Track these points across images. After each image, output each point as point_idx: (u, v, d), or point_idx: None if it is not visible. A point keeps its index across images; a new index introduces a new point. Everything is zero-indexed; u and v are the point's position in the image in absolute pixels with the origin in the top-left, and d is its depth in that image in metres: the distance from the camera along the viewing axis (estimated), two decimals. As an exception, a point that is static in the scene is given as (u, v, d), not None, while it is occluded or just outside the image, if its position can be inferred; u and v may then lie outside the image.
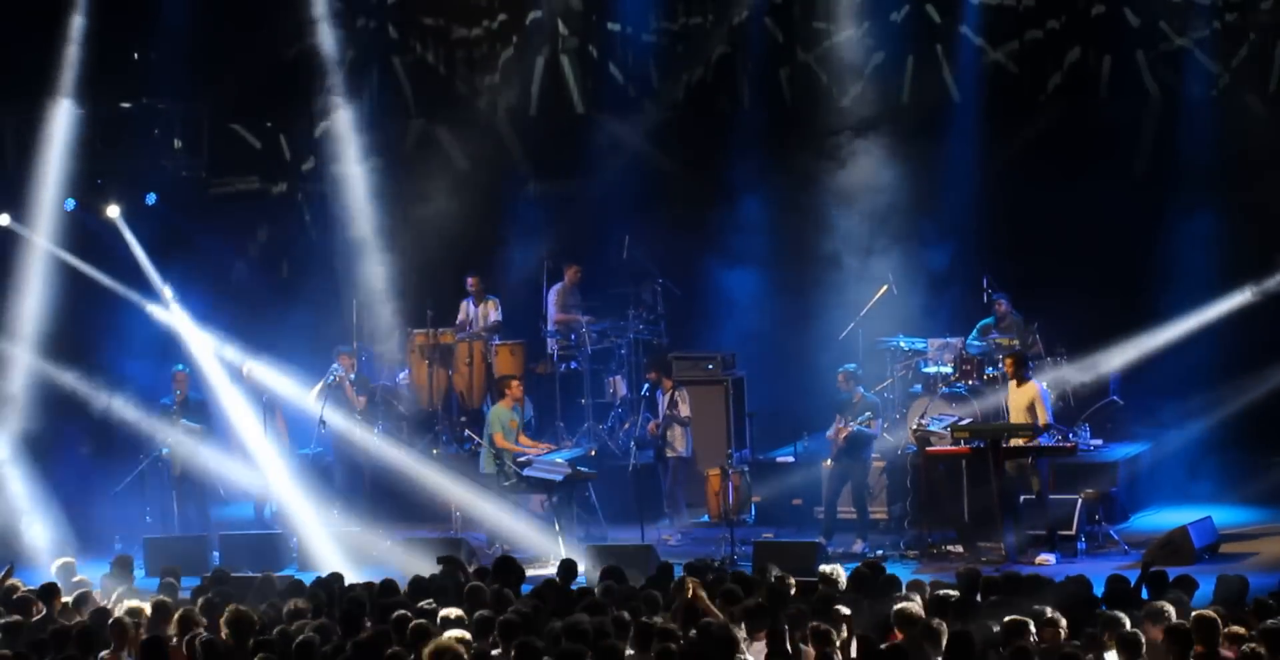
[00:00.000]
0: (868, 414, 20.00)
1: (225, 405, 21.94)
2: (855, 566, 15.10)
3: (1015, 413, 19.64)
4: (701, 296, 24.27)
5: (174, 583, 15.35)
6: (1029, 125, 24.05)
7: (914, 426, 20.37)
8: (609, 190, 24.54)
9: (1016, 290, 22.66)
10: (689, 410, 21.22)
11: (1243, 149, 23.12)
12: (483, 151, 25.42)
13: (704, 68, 25.00)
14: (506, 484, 20.25)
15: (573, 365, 23.58)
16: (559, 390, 23.44)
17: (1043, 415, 19.46)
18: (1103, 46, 23.63)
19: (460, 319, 23.61)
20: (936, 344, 22.50)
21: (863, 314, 22.50)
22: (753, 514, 21.71)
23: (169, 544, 19.99)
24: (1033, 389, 19.65)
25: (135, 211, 23.30)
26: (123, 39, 23.55)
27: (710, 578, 14.73)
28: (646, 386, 21.80)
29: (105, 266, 22.98)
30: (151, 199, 23.58)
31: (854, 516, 20.25)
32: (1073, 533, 19.58)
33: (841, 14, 24.16)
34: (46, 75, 22.90)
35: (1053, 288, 22.96)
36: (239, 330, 23.45)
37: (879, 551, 19.51)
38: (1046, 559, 18.82)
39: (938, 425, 20.20)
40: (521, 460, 20.31)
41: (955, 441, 19.55)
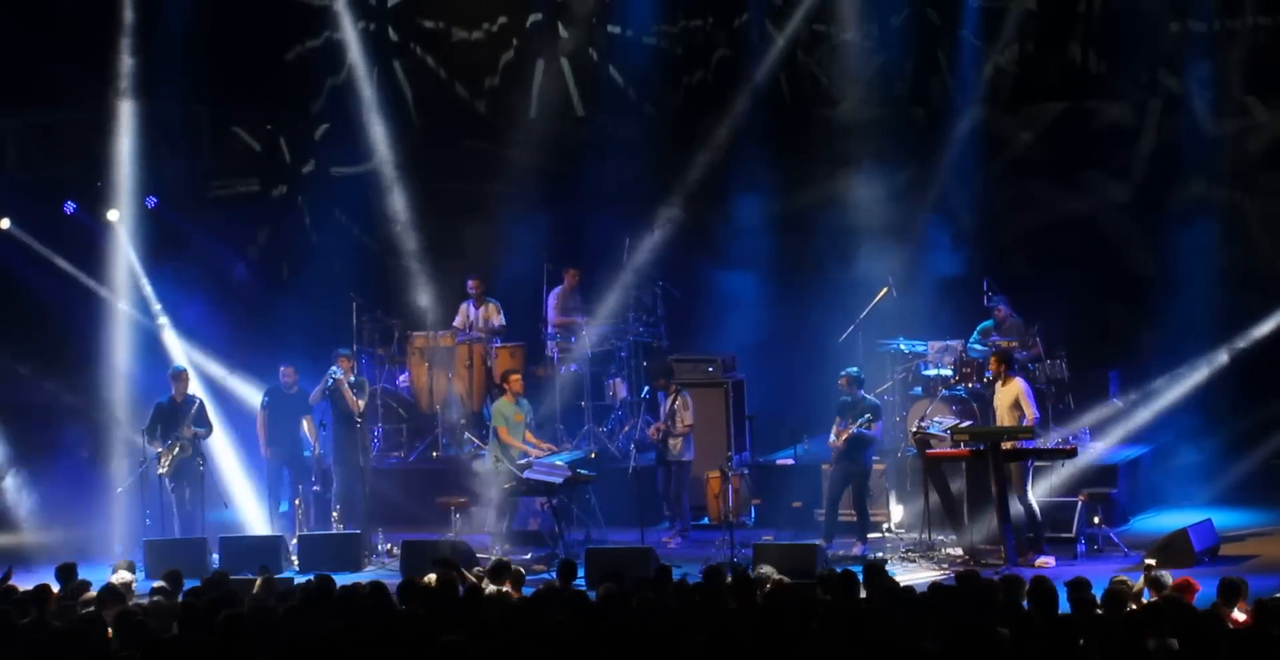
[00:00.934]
0: (868, 416, 19.95)
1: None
2: (856, 568, 15.07)
3: (1001, 411, 19.60)
4: (702, 299, 24.26)
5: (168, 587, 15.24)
6: (1029, 127, 24.09)
7: (914, 429, 20.33)
8: (609, 192, 24.55)
9: (1016, 293, 22.63)
10: (691, 418, 21.04)
11: (1243, 149, 23.17)
12: (482, 154, 25.47)
13: (704, 70, 25.04)
14: (507, 486, 20.21)
15: (572, 367, 23.57)
16: (559, 393, 23.41)
17: (1029, 411, 19.41)
18: (1102, 48, 23.64)
19: (459, 321, 23.58)
20: (937, 347, 22.45)
21: (863, 316, 22.46)
22: (753, 516, 21.67)
23: (168, 547, 19.94)
24: (1016, 386, 19.61)
25: (135, 215, 23.34)
26: (121, 41, 23.55)
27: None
28: (647, 389, 21.74)
29: (101, 270, 23.10)
30: (152, 202, 23.59)
31: (854, 519, 20.22)
32: (1072, 535, 19.58)
33: (842, 17, 24.19)
34: (48, 79, 22.97)
35: (1053, 290, 22.95)
36: (238, 333, 23.47)
37: (879, 554, 19.47)
38: (1047, 561, 18.79)
39: (938, 428, 20.16)
40: (521, 463, 20.27)
41: (955, 444, 19.50)
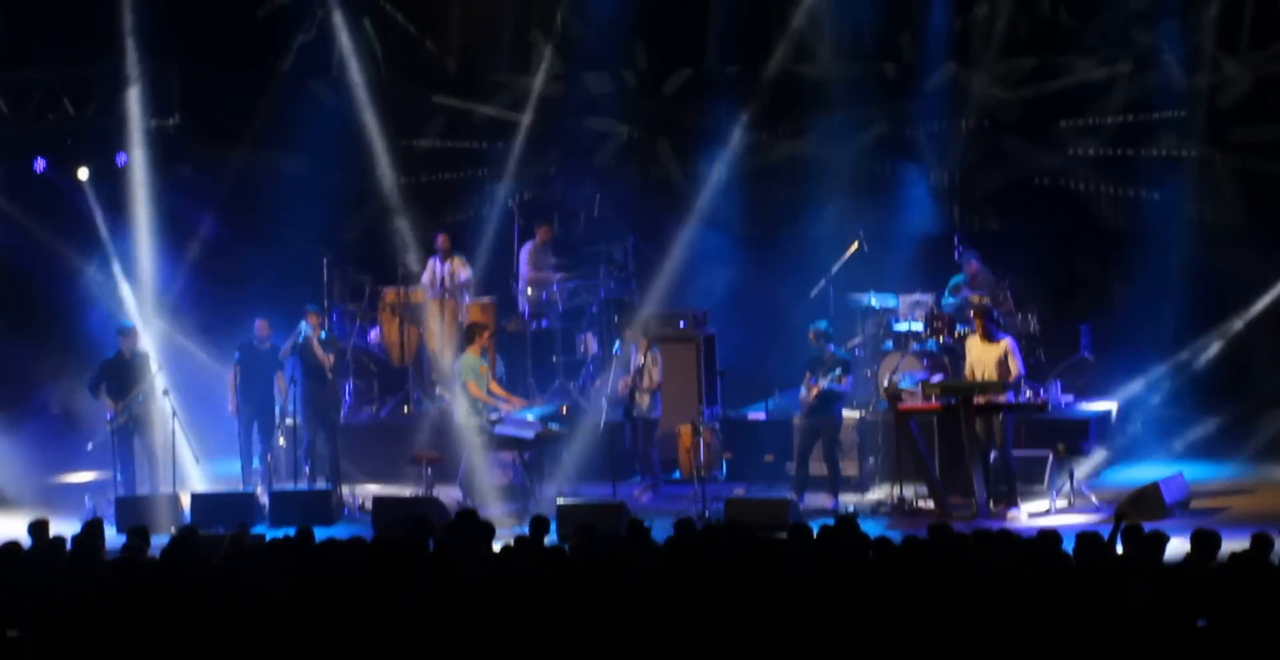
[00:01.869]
0: (838, 371, 19.94)
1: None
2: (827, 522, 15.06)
3: (986, 368, 19.55)
4: (673, 254, 24.21)
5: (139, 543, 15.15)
6: (1000, 82, 24.05)
7: (885, 383, 20.33)
8: (580, 148, 24.46)
9: (987, 247, 22.63)
10: (660, 376, 21.00)
11: (1214, 104, 23.16)
12: (453, 111, 25.40)
13: (674, 25, 24.89)
14: (479, 440, 20.19)
15: (544, 323, 23.53)
16: (530, 348, 23.40)
17: (1015, 368, 19.42)
18: (1073, 3, 23.60)
19: (426, 278, 23.48)
20: (908, 301, 22.47)
21: (834, 271, 22.45)
22: (724, 470, 21.69)
23: (139, 503, 19.90)
24: (1004, 343, 19.61)
25: (104, 172, 23.27)
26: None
27: None
28: (618, 344, 21.66)
29: (70, 228, 23.08)
30: (122, 159, 23.48)
31: (825, 473, 20.22)
32: (1044, 489, 19.64)
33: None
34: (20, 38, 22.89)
35: (1024, 245, 22.97)
36: (208, 288, 23.38)
37: (850, 508, 19.49)
38: (1016, 515, 18.83)
39: (909, 382, 20.18)
40: (494, 417, 20.24)
41: (926, 398, 19.50)
